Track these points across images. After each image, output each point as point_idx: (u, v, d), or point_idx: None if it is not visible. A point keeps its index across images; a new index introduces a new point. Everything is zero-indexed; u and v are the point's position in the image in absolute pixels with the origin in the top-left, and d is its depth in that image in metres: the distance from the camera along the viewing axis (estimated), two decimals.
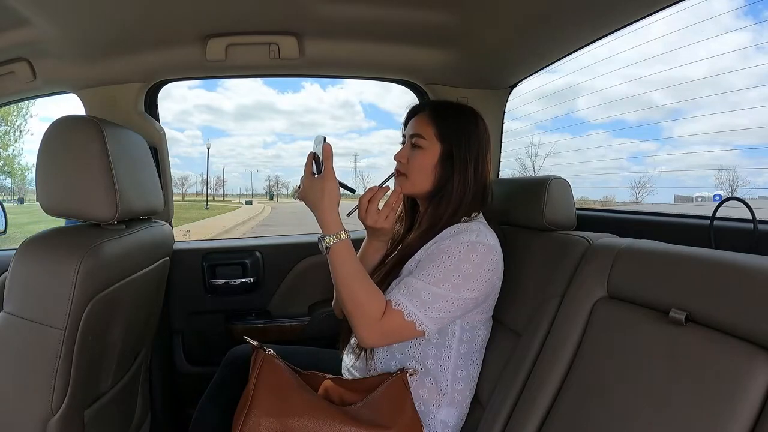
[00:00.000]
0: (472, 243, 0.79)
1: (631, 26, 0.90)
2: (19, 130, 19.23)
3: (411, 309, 0.76)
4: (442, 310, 0.77)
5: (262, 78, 1.52)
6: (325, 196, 0.78)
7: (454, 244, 0.79)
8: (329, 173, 0.79)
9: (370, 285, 0.78)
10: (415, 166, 0.87)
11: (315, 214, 0.81)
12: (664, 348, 0.60)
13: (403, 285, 0.78)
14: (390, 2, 0.94)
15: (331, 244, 0.78)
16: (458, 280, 0.77)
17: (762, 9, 32.65)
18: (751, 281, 0.55)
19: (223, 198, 56.94)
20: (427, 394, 0.83)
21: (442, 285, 0.76)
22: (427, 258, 0.80)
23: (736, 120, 51.11)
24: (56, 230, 0.78)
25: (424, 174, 0.87)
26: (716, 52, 35.60)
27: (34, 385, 0.73)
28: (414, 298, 0.76)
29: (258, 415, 0.70)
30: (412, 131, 0.89)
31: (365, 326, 0.76)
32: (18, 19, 0.91)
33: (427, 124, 0.88)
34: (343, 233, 0.78)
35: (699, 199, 24.13)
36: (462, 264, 0.77)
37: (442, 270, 0.77)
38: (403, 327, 0.76)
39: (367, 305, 0.76)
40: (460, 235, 0.80)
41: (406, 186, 0.89)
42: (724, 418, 0.51)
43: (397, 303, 0.76)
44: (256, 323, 1.39)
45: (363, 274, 0.79)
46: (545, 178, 0.91)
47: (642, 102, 44.29)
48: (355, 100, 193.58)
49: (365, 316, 0.76)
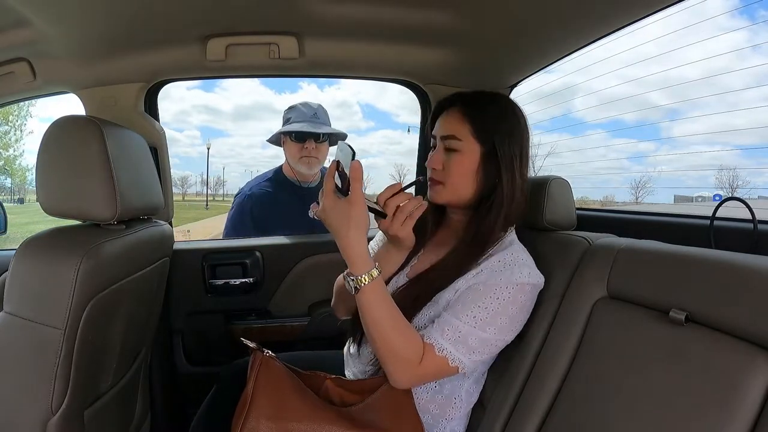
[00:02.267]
0: (521, 285, 0.73)
1: (628, 27, 0.90)
2: (20, 130, 19.25)
3: (456, 355, 0.70)
4: (485, 353, 0.73)
5: (260, 78, 1.51)
6: (351, 224, 0.67)
7: (504, 284, 0.72)
8: (358, 197, 0.67)
9: (405, 328, 0.71)
10: (454, 172, 0.77)
11: (338, 243, 0.70)
12: (664, 348, 0.60)
13: (447, 328, 0.71)
14: (390, 2, 0.94)
15: (362, 285, 0.68)
16: (504, 323, 0.72)
17: (758, 8, 32.58)
18: (751, 281, 0.55)
19: (223, 198, 56.93)
20: (438, 409, 0.80)
21: (488, 329, 0.71)
22: (472, 294, 0.73)
23: (734, 120, 51.18)
24: (56, 230, 0.78)
25: (466, 180, 0.77)
26: (713, 53, 35.67)
27: (34, 385, 0.73)
28: (460, 344, 0.70)
29: (256, 419, 0.69)
30: (443, 132, 0.79)
31: (400, 371, 0.70)
32: (18, 19, 0.91)
33: (461, 121, 0.77)
34: (374, 270, 0.69)
35: (699, 199, 24.14)
36: (509, 306, 0.72)
37: (489, 312, 0.71)
38: (444, 371, 0.72)
39: (402, 351, 0.69)
40: (512, 274, 0.73)
41: (444, 195, 0.79)
42: (724, 418, 0.51)
43: (441, 349, 0.70)
44: (256, 323, 1.39)
45: (397, 315, 0.71)
46: (545, 178, 0.91)
47: (640, 102, 44.37)
48: (353, 101, 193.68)
49: (400, 362, 0.70)
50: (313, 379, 0.81)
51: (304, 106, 1.50)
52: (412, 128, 4.61)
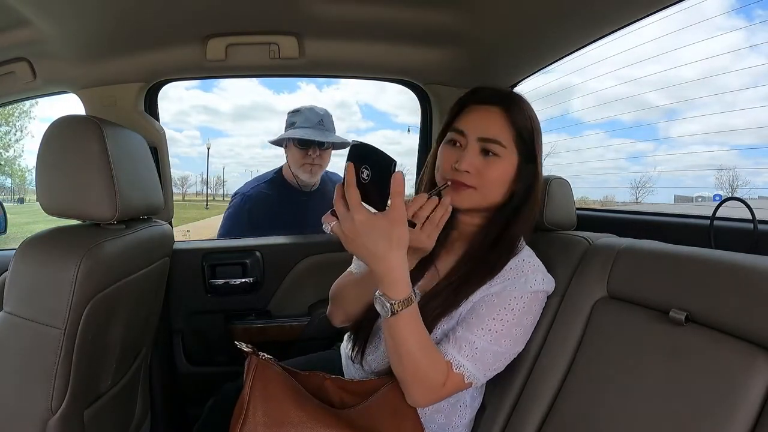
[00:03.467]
0: (535, 293, 0.72)
1: (627, 27, 0.90)
2: (20, 130, 19.27)
3: (473, 372, 0.69)
4: (499, 367, 0.72)
5: (259, 78, 1.50)
6: (394, 245, 0.59)
7: (518, 294, 0.70)
8: (402, 215, 0.59)
9: (432, 351, 0.68)
10: (491, 178, 0.72)
11: (375, 265, 0.61)
12: (664, 348, 0.60)
13: (464, 344, 0.69)
14: (390, 2, 0.94)
15: (399, 310, 0.62)
16: (518, 333, 0.71)
17: (755, 8, 32.59)
18: (751, 281, 0.55)
19: (223, 198, 56.88)
20: (444, 418, 0.79)
21: (503, 342, 0.70)
22: (486, 306, 0.70)
23: (732, 120, 51.06)
24: (56, 230, 0.78)
25: (502, 187, 0.73)
26: (710, 53, 35.52)
27: (34, 385, 0.73)
28: (478, 362, 0.68)
29: (253, 425, 0.68)
30: (485, 134, 0.72)
31: (423, 394, 0.68)
32: (18, 19, 0.91)
33: (505, 125, 0.72)
34: (413, 295, 0.64)
35: (699, 199, 24.12)
36: (524, 317, 0.71)
37: (504, 324, 0.69)
38: (461, 387, 0.70)
39: (430, 374, 0.67)
40: (526, 282, 0.71)
41: (474, 200, 0.73)
42: (724, 417, 0.51)
43: (458, 366, 0.68)
44: (256, 323, 1.39)
45: (426, 338, 0.67)
46: (545, 178, 0.91)
47: (638, 103, 44.31)
48: (352, 101, 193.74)
49: (425, 385, 0.67)
50: (312, 379, 0.80)
51: (309, 111, 1.46)
52: (412, 128, 4.61)
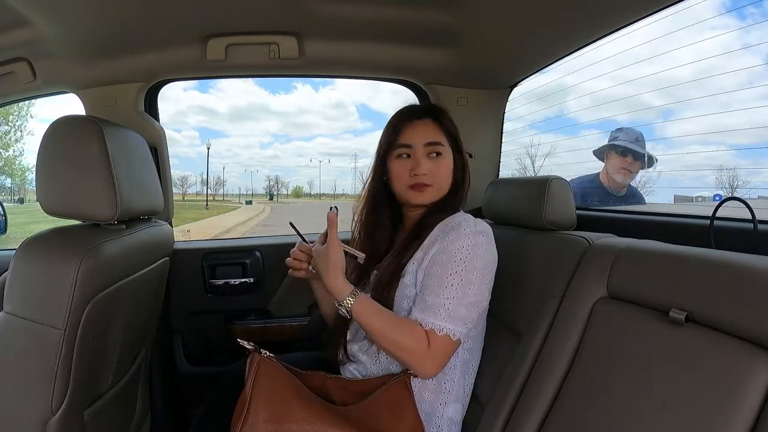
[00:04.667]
0: (472, 234, 0.79)
1: (625, 28, 0.90)
2: (20, 130, 19.26)
3: (454, 329, 0.76)
4: (474, 314, 0.79)
5: (254, 79, 1.52)
6: (330, 265, 0.79)
7: (459, 243, 0.78)
8: (333, 245, 0.80)
9: (402, 323, 0.78)
10: (442, 174, 0.87)
11: (324, 283, 0.80)
12: (664, 348, 0.60)
13: (437, 309, 0.76)
14: (390, 2, 0.94)
15: (350, 305, 0.77)
16: (477, 277, 0.78)
17: (749, 7, 32.31)
18: (751, 281, 0.55)
19: (223, 198, 56.93)
20: (432, 395, 0.82)
21: (469, 291, 0.77)
22: (438, 267, 0.79)
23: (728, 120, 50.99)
24: (56, 230, 0.78)
25: (448, 179, 0.88)
26: (706, 53, 35.34)
27: (34, 385, 0.73)
28: (455, 319, 0.76)
29: (255, 421, 0.69)
30: (427, 139, 0.87)
31: (417, 362, 0.76)
32: (18, 19, 0.91)
33: (439, 130, 0.88)
34: (356, 291, 0.79)
35: (699, 199, 24.07)
36: (474, 260, 0.78)
37: (461, 273, 0.77)
38: (451, 346, 0.78)
39: (408, 343, 0.76)
40: (460, 229, 0.80)
41: (432, 194, 0.87)
42: (724, 418, 0.51)
43: (440, 329, 0.76)
44: (256, 323, 1.39)
45: (391, 318, 0.79)
46: (545, 178, 0.91)
47: (633, 103, 44.21)
48: (349, 101, 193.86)
49: (413, 354, 0.76)
50: (313, 378, 0.81)
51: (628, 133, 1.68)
52: None
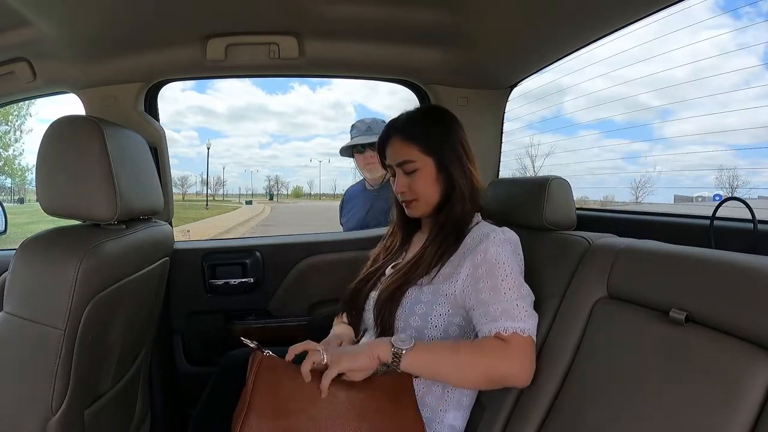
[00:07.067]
0: (504, 242, 0.80)
1: (625, 28, 0.90)
2: (20, 130, 19.27)
3: (533, 326, 0.74)
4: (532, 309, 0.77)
5: (251, 79, 1.54)
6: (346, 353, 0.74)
7: (495, 249, 0.78)
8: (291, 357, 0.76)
9: (473, 346, 0.74)
10: (419, 186, 0.88)
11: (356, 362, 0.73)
12: (664, 348, 0.60)
13: (511, 311, 0.74)
14: (390, 2, 0.94)
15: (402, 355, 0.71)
16: (520, 275, 0.79)
17: (745, 7, 32.53)
18: (751, 281, 0.55)
19: (223, 198, 56.95)
20: (435, 401, 0.82)
21: (524, 290, 0.77)
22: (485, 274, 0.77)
23: (726, 120, 50.96)
24: (56, 230, 0.78)
25: (432, 189, 0.88)
26: (703, 53, 35.37)
27: (34, 385, 0.73)
28: (532, 317, 0.75)
29: (256, 418, 0.69)
30: (396, 160, 0.89)
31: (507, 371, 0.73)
32: (18, 19, 0.91)
33: (407, 146, 0.88)
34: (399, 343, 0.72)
35: (699, 199, 24.12)
36: (514, 262, 0.78)
37: (510, 275, 0.77)
38: (532, 344, 0.75)
39: (490, 359, 0.73)
40: (488, 239, 0.80)
41: (420, 208, 0.89)
42: (724, 417, 0.51)
43: (522, 330, 0.73)
44: (256, 323, 1.39)
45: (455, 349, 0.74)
46: (545, 178, 0.91)
47: (635, 103, 44.25)
48: (347, 101, 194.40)
49: (500, 366, 0.73)
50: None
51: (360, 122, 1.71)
52: None
